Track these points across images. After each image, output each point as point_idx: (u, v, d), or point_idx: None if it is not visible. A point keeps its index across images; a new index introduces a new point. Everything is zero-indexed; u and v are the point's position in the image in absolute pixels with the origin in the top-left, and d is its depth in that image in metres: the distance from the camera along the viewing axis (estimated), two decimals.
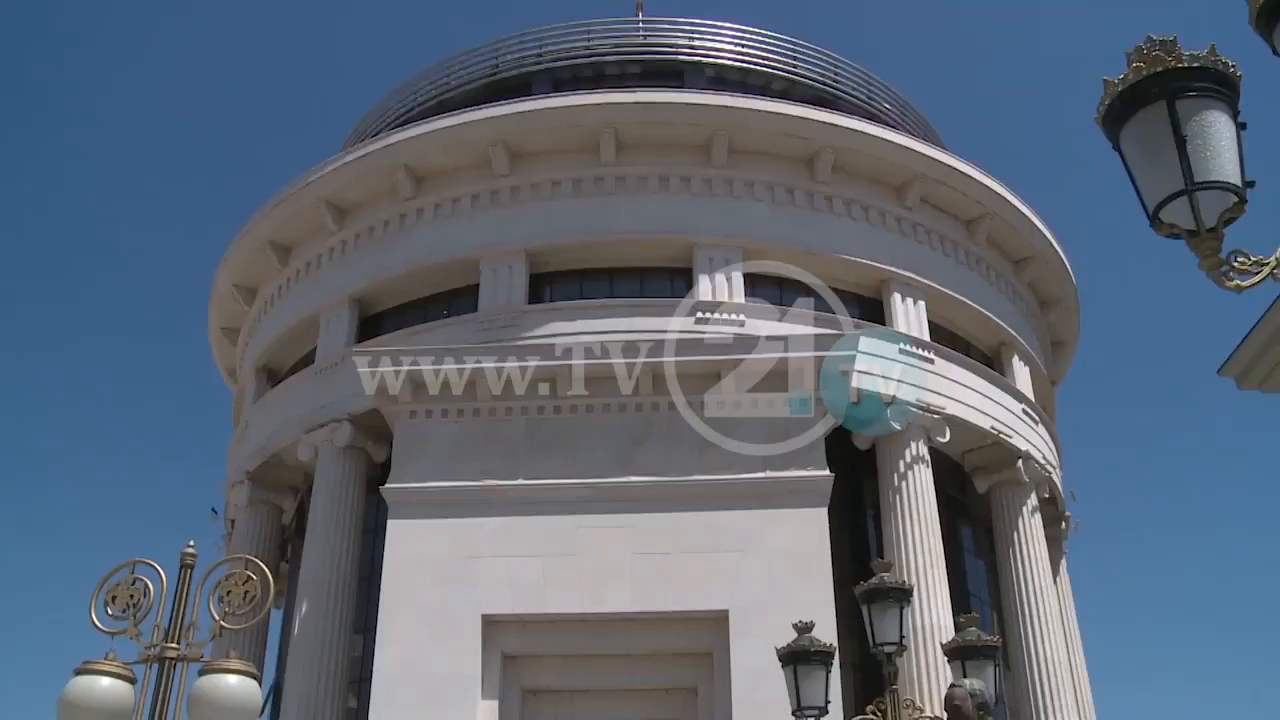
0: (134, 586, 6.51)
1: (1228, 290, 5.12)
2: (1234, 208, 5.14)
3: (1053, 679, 35.08)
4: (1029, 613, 35.94)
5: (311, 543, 35.27)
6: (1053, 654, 35.54)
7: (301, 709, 32.68)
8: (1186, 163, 5.10)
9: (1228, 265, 5.17)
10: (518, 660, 30.72)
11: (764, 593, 28.49)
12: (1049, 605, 36.59)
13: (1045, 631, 35.77)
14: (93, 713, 5.97)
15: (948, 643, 10.01)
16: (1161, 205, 5.27)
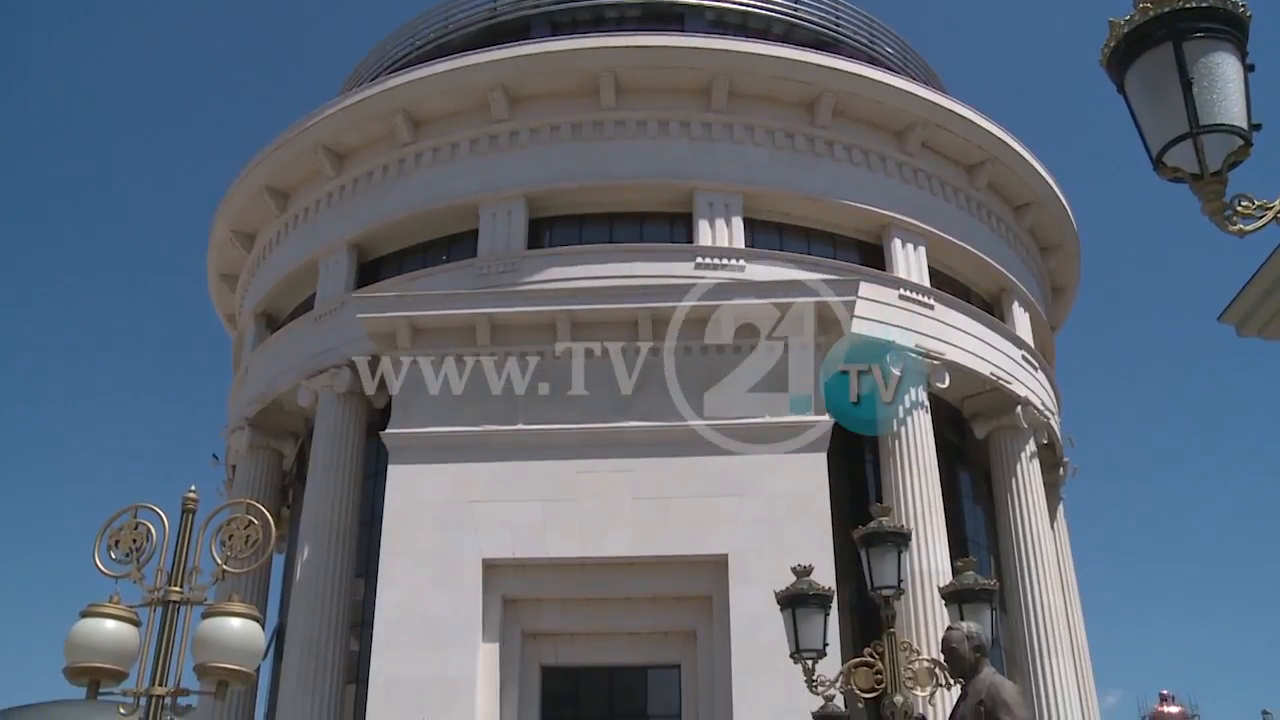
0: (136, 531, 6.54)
1: (1231, 235, 5.09)
2: (1239, 151, 5.10)
3: (1048, 623, 35.40)
4: (1026, 558, 36.20)
5: (312, 488, 35.45)
6: (1049, 599, 35.84)
7: (304, 652, 33.00)
8: (1192, 105, 5.04)
9: (1231, 210, 5.13)
10: (518, 604, 30.98)
11: (763, 537, 28.66)
12: (1046, 551, 36.85)
13: (1042, 577, 36.05)
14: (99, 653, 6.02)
15: (945, 586, 10.07)
16: (1166, 149, 5.22)
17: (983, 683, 7.39)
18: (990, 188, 40.12)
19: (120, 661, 6.11)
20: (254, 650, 6.25)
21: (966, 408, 38.35)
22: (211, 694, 6.28)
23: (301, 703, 32.38)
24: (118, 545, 6.51)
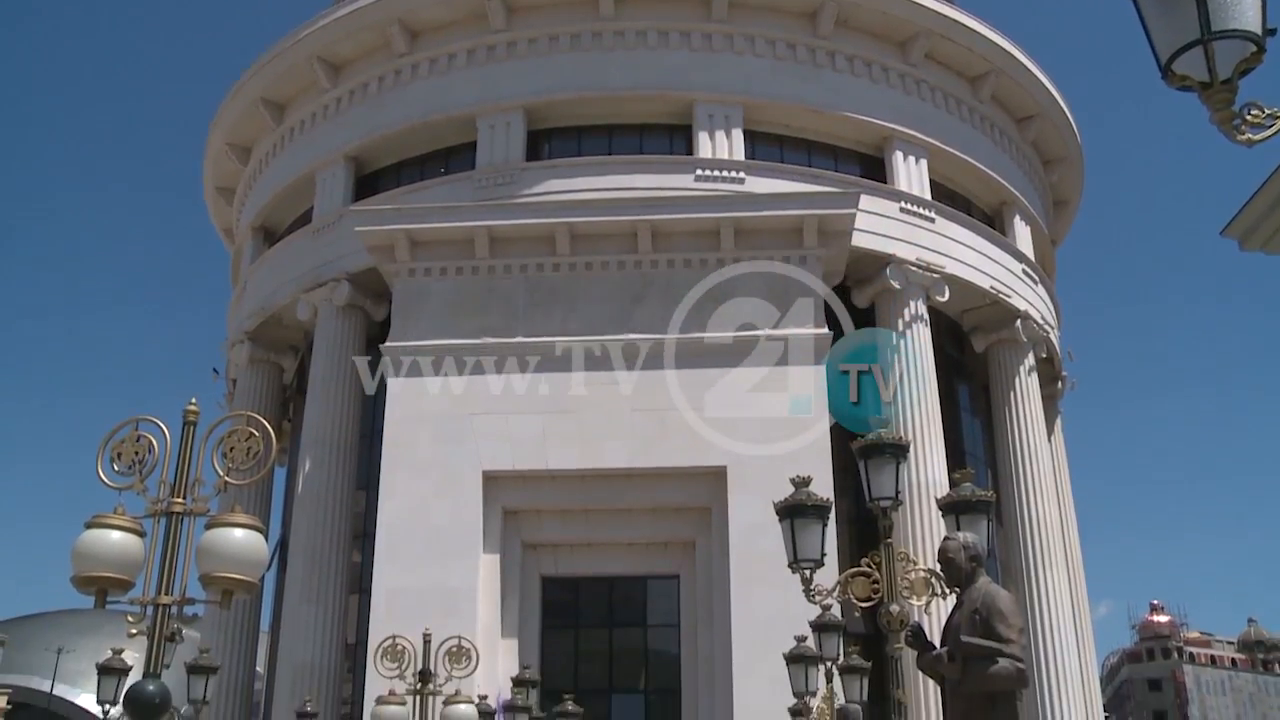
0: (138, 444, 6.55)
1: (1239, 145, 5.00)
2: (1251, 58, 4.99)
3: (1043, 535, 35.78)
4: (1023, 470, 36.48)
5: (312, 400, 35.59)
6: (1044, 511, 36.18)
7: (307, 562, 33.40)
8: (1204, 10, 4.93)
9: (1240, 119, 5.04)
10: (518, 515, 31.27)
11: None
12: (1042, 463, 37.12)
13: (1038, 489, 36.36)
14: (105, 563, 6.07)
15: (942, 498, 10.13)
16: (1175, 56, 5.12)
17: (978, 592, 7.46)
18: (994, 100, 39.65)
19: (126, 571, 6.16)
20: (257, 560, 6.30)
21: (966, 321, 38.33)
22: (216, 603, 6.35)
23: (305, 612, 32.85)
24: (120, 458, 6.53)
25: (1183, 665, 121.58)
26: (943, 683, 7.40)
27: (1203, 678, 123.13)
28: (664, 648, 31.37)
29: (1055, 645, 34.10)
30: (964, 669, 7.04)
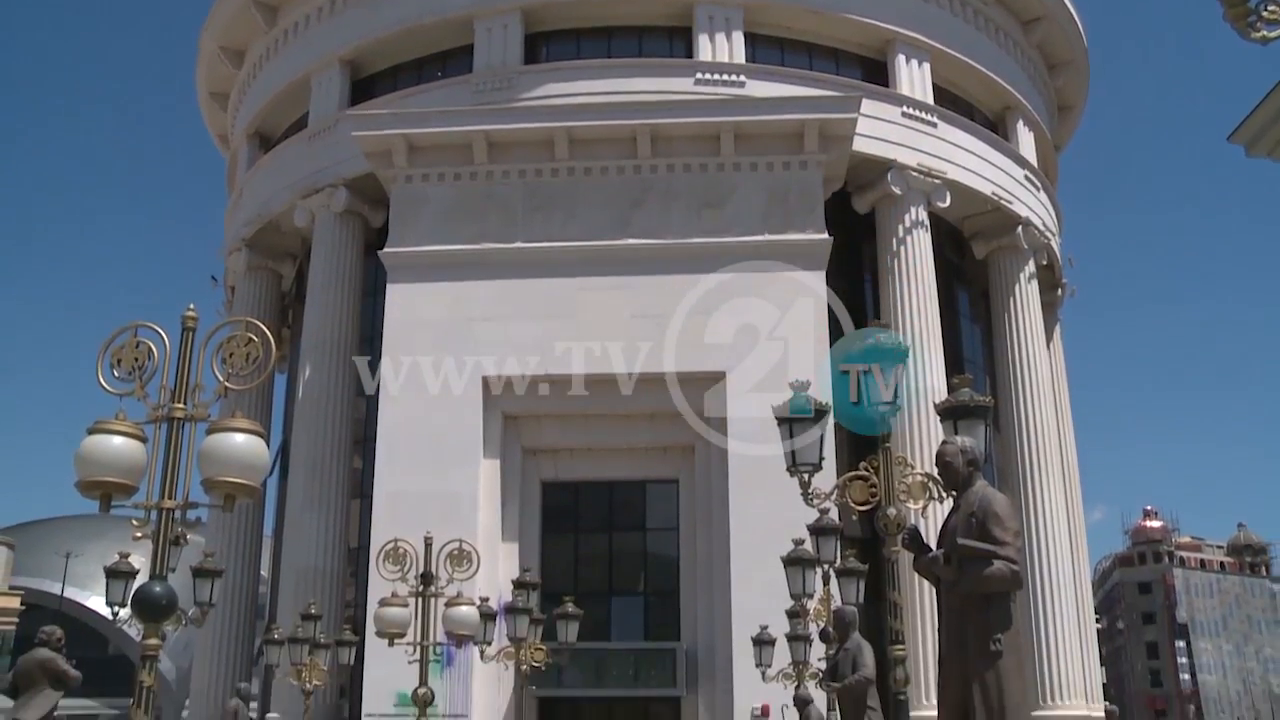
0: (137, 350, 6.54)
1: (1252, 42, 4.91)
2: None
3: (1040, 441, 36.03)
4: (1021, 377, 36.61)
5: (312, 306, 35.58)
6: (1041, 417, 36.39)
7: (308, 468, 33.68)
8: None
9: (1255, 15, 4.94)
10: (518, 420, 31.47)
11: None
12: (1040, 370, 37.23)
13: (1035, 395, 36.52)
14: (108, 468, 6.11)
15: (940, 403, 10.14)
16: None
17: (975, 495, 7.52)
18: (999, 2, 38.98)
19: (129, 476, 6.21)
20: (258, 464, 6.34)
21: (967, 227, 38.15)
22: (219, 506, 6.40)
23: (307, 518, 33.22)
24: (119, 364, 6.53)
25: (1173, 569, 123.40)
26: (938, 584, 7.50)
27: (1191, 581, 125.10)
28: (663, 551, 31.79)
29: (1049, 549, 34.56)
30: (959, 571, 7.12)
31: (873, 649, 12.78)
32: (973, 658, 7.04)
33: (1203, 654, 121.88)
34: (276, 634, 23.91)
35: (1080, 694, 33.95)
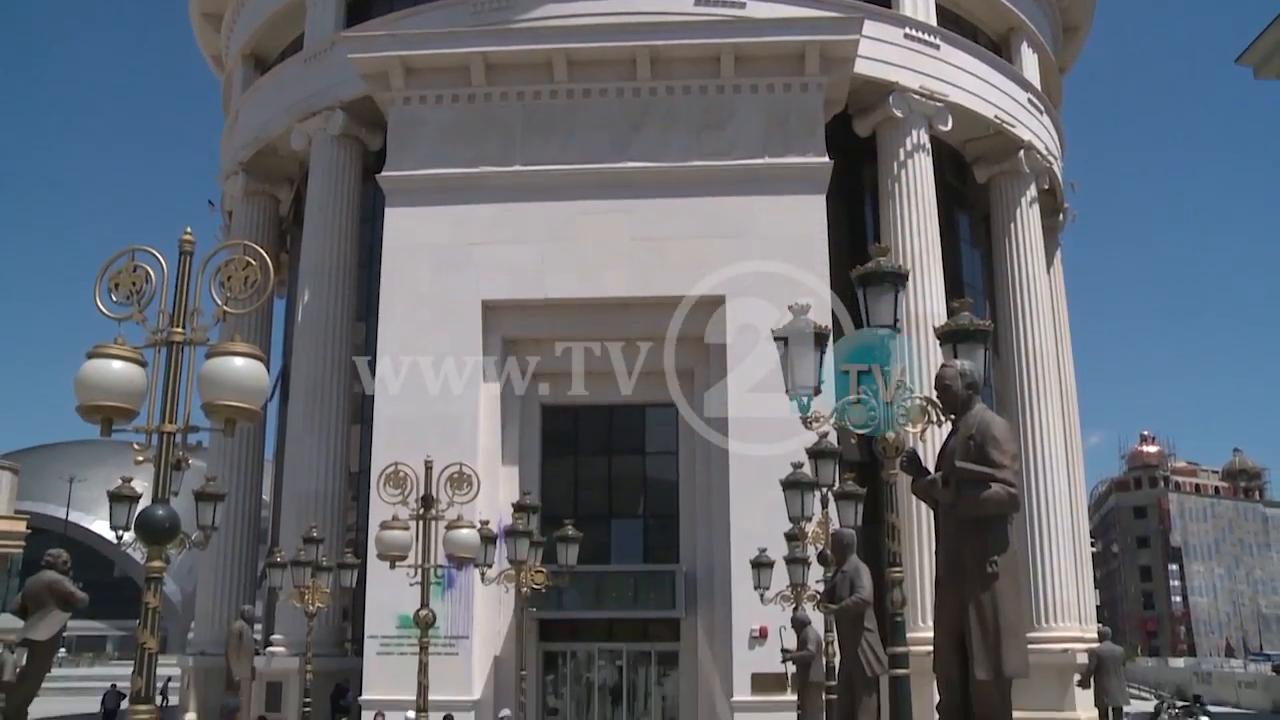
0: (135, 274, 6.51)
1: None
2: None
3: (1039, 366, 36.07)
4: (1021, 301, 36.54)
5: (310, 231, 35.42)
6: (1040, 342, 36.39)
7: (309, 393, 33.77)
8: None
9: None
10: (517, 344, 31.49)
11: (761, 278, 28.81)
12: (1040, 295, 37.15)
13: (1035, 320, 36.48)
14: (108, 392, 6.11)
15: (940, 326, 10.11)
16: None
17: (973, 418, 7.53)
18: None
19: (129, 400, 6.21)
20: (258, 388, 6.34)
21: (968, 151, 37.84)
22: (220, 430, 6.41)
23: (308, 442, 33.39)
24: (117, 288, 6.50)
25: (1168, 493, 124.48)
26: (936, 507, 7.54)
27: (1186, 505, 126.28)
28: (662, 475, 31.99)
29: (1046, 473, 34.77)
30: (957, 493, 7.16)
31: (870, 571, 12.89)
32: (969, 580, 7.10)
33: (1195, 577, 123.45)
34: (279, 557, 24.15)
35: (1074, 616, 34.37)
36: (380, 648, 28.25)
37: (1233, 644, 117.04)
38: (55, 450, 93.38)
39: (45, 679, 13.71)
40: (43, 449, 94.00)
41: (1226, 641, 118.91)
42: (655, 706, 31.41)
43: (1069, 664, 29.75)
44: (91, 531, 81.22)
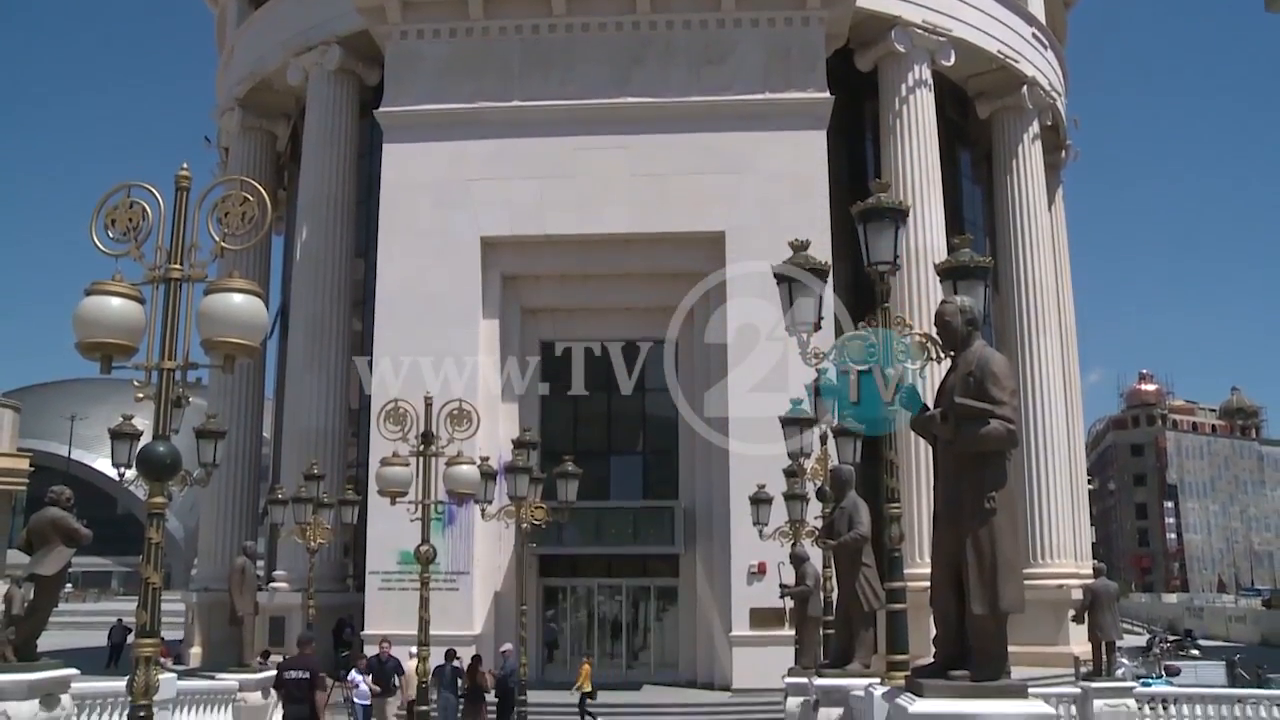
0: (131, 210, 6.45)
1: None
2: None
3: (1038, 303, 36.04)
4: (1021, 238, 36.42)
5: (308, 166, 35.21)
6: (1041, 279, 36.32)
7: (308, 329, 33.77)
8: None
9: None
10: (517, 280, 31.45)
11: (760, 214, 28.70)
12: (1041, 232, 37.03)
13: (1035, 257, 36.39)
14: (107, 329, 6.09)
15: (940, 263, 10.07)
16: None
17: (973, 355, 7.50)
18: None
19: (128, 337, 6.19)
20: (257, 324, 6.32)
21: (971, 86, 37.49)
22: (219, 367, 6.40)
23: (308, 378, 33.44)
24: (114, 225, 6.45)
25: (1165, 431, 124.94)
26: (935, 443, 7.53)
27: (1183, 443, 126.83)
28: (661, 411, 32.06)
29: (1045, 409, 34.88)
30: (956, 429, 7.15)
31: (868, 507, 12.96)
32: (967, 516, 7.11)
33: (1190, 514, 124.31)
34: (280, 494, 24.26)
35: (1070, 553, 34.65)
36: (381, 583, 28.52)
37: (1225, 580, 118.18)
38: (56, 388, 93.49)
39: (52, 613, 13.84)
40: (44, 387, 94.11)
41: (1219, 578, 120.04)
42: (654, 641, 31.76)
43: (1064, 600, 30.06)
44: (94, 469, 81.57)
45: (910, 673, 8.05)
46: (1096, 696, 18.37)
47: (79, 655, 22.36)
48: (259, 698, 18.99)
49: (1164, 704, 19.41)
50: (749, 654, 27.15)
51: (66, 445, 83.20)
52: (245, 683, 18.62)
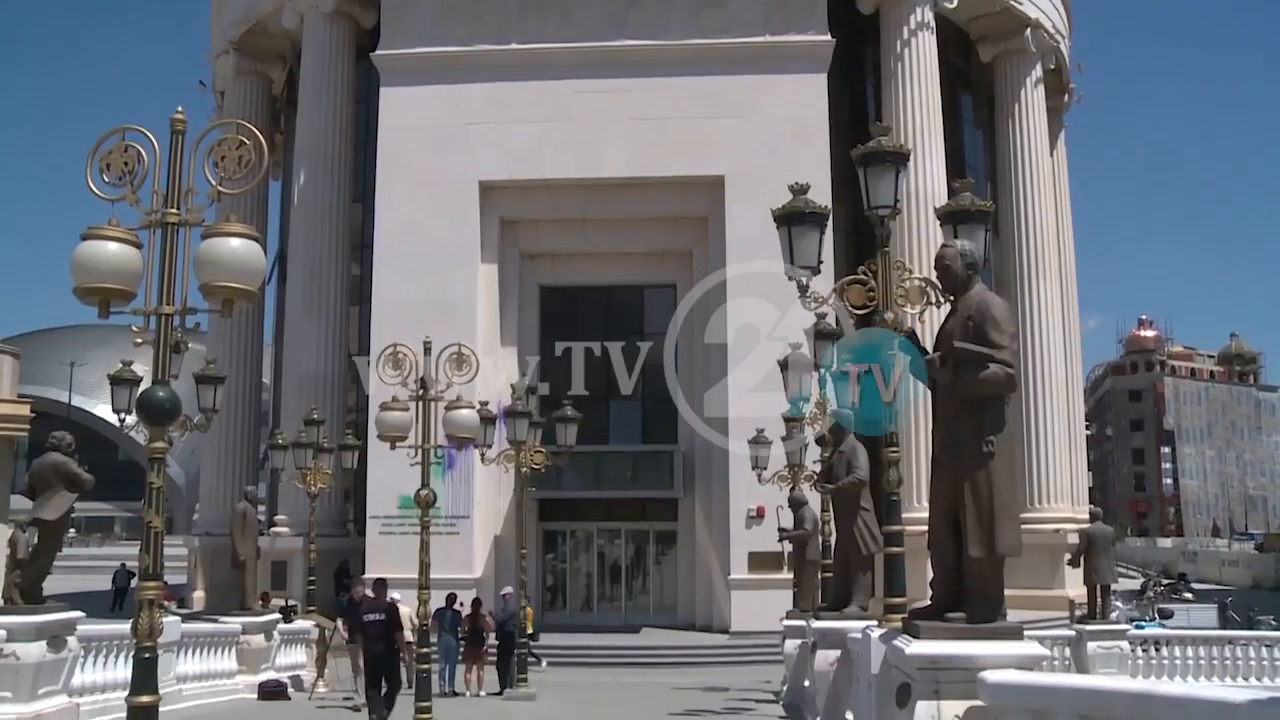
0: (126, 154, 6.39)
1: None
2: None
3: (1039, 247, 35.95)
4: (1022, 182, 36.25)
5: (304, 111, 34.93)
6: (1041, 223, 36.19)
7: (307, 275, 33.68)
8: None
9: None
10: (515, 225, 31.34)
11: (760, 157, 28.53)
12: (1043, 176, 36.83)
13: (1036, 201, 36.24)
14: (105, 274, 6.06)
15: (940, 207, 10.03)
16: None
17: (973, 299, 7.49)
18: None
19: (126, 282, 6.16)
20: (255, 268, 6.29)
21: (974, 29, 37.12)
22: (218, 311, 6.37)
23: (306, 324, 33.42)
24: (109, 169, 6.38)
25: (1164, 377, 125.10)
26: (934, 387, 7.55)
27: (1181, 389, 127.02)
28: (661, 356, 32.07)
29: (1044, 354, 34.92)
30: (955, 373, 7.15)
31: (867, 451, 13.00)
32: (965, 459, 7.13)
33: (1186, 459, 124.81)
34: (281, 439, 24.31)
35: (1067, 497, 34.83)
36: (382, 528, 28.69)
37: (1219, 525, 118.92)
38: (55, 335, 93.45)
39: (56, 558, 13.96)
40: (43, 333, 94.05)
41: (1214, 522, 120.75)
42: (653, 585, 32.00)
43: (1060, 544, 30.24)
44: (95, 415, 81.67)
45: (908, 615, 8.11)
46: (1090, 639, 18.57)
47: (84, 599, 22.59)
48: (261, 640, 19.18)
49: (1156, 646, 19.65)
50: (747, 597, 27.38)
51: (67, 391, 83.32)
52: (248, 625, 18.81)
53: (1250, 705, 4.44)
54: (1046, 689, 6.34)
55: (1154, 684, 9.78)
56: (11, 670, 12.62)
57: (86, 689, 14.07)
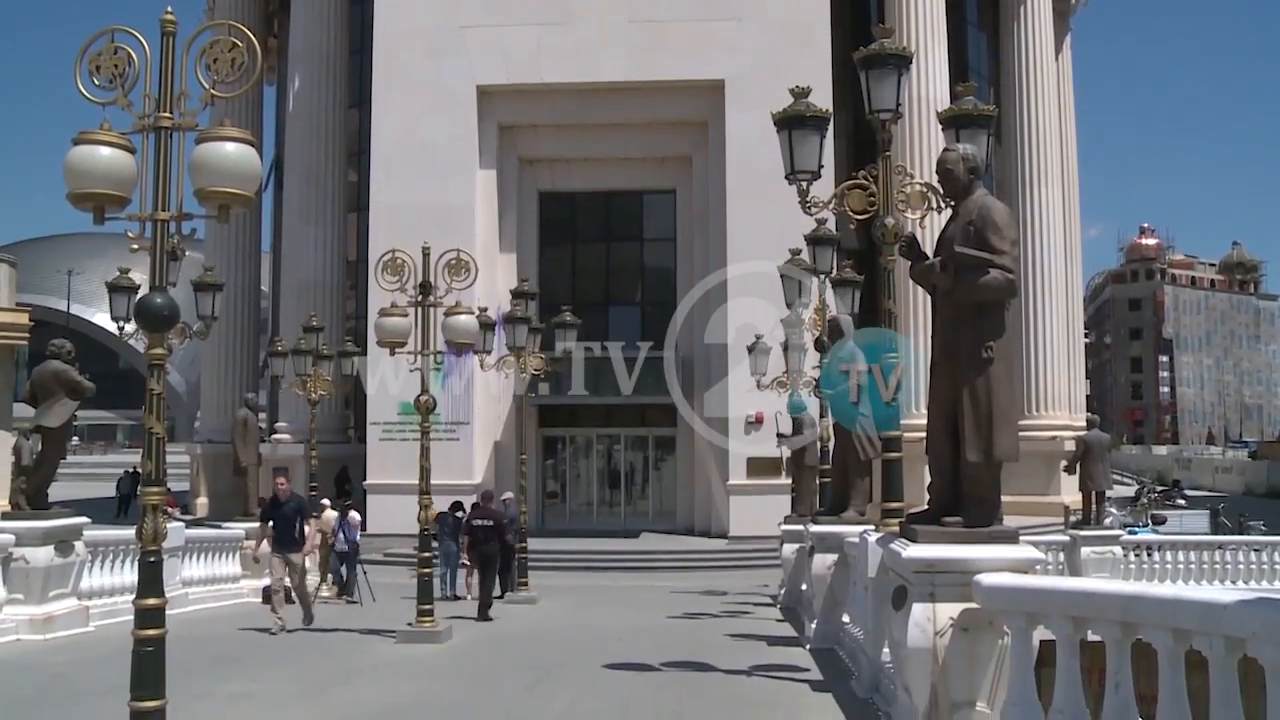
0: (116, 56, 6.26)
1: None
2: None
3: (1042, 153, 35.62)
4: (1026, 87, 35.79)
5: (298, 14, 34.41)
6: (1045, 129, 35.81)
7: (304, 181, 33.46)
8: None
9: None
10: (514, 130, 31.03)
11: (761, 62, 28.12)
12: (1047, 80, 36.34)
13: (1040, 106, 35.81)
14: (98, 179, 5.98)
15: (943, 111, 9.91)
16: None
17: (974, 204, 7.43)
18: None
19: (120, 188, 6.08)
20: (251, 173, 6.20)
21: None
22: (214, 217, 6.31)
23: (304, 231, 33.28)
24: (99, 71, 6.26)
25: (1164, 286, 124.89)
26: (934, 292, 7.52)
27: (1181, 298, 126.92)
28: (660, 262, 32.02)
29: (1044, 261, 34.81)
30: (955, 278, 7.12)
31: None
32: (964, 365, 7.13)
33: (1184, 368, 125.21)
34: (280, 346, 24.30)
35: (1064, 405, 35.00)
36: (382, 434, 28.87)
37: (1215, 433, 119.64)
38: (52, 243, 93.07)
39: (60, 465, 14.08)
40: (39, 241, 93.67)
41: (1209, 430, 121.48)
42: (652, 490, 32.29)
43: (1057, 451, 30.46)
44: (93, 324, 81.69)
45: (905, 519, 8.19)
46: (1084, 544, 18.83)
47: (89, 505, 22.80)
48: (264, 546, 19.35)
49: (1149, 551, 19.92)
50: (745, 502, 27.66)
51: (64, 300, 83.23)
52: (251, 531, 19.00)
53: (1237, 606, 4.51)
54: (1040, 592, 6.43)
55: (1145, 586, 9.91)
56: (22, 574, 12.84)
57: (95, 592, 14.28)
